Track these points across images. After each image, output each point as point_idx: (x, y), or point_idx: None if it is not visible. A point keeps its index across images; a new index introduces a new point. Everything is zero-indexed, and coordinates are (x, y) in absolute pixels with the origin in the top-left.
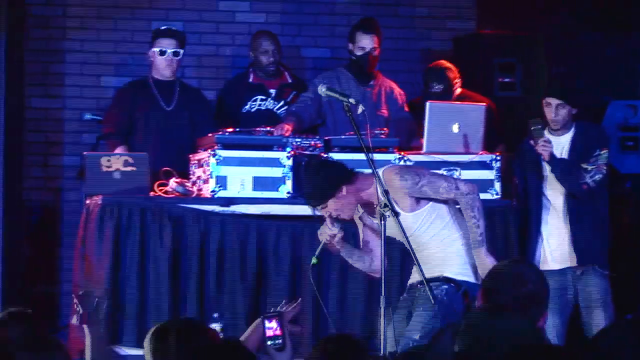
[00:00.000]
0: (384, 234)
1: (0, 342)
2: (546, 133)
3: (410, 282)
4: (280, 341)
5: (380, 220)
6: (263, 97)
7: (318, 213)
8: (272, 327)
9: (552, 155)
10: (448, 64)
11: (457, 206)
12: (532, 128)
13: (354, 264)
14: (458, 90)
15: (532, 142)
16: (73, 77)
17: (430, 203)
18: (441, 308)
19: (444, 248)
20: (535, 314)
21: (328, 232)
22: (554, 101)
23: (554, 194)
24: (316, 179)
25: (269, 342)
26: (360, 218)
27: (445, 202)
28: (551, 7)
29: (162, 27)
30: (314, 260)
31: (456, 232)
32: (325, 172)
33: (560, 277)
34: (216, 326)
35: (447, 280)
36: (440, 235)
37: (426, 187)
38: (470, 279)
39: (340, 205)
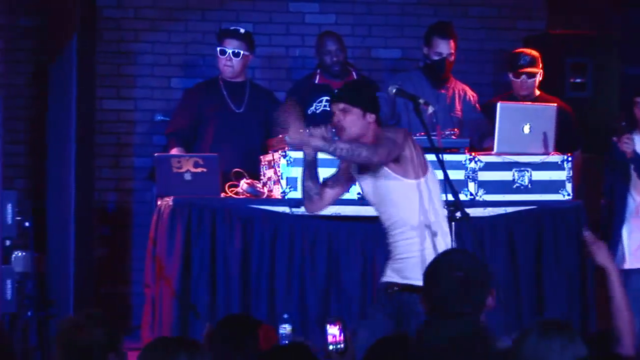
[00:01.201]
0: (453, 234)
1: (82, 343)
2: (637, 137)
3: (386, 280)
4: (341, 346)
5: (450, 222)
6: (328, 98)
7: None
8: (334, 333)
9: (634, 152)
10: None
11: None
12: (617, 125)
13: (304, 180)
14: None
15: (614, 138)
16: (144, 79)
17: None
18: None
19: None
20: (478, 295)
21: (319, 133)
22: None
23: (639, 194)
24: (364, 88)
25: (330, 347)
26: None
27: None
28: (621, 7)
29: (226, 28)
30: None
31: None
32: (373, 92)
33: (639, 277)
34: (286, 327)
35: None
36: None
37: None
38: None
39: (354, 125)
